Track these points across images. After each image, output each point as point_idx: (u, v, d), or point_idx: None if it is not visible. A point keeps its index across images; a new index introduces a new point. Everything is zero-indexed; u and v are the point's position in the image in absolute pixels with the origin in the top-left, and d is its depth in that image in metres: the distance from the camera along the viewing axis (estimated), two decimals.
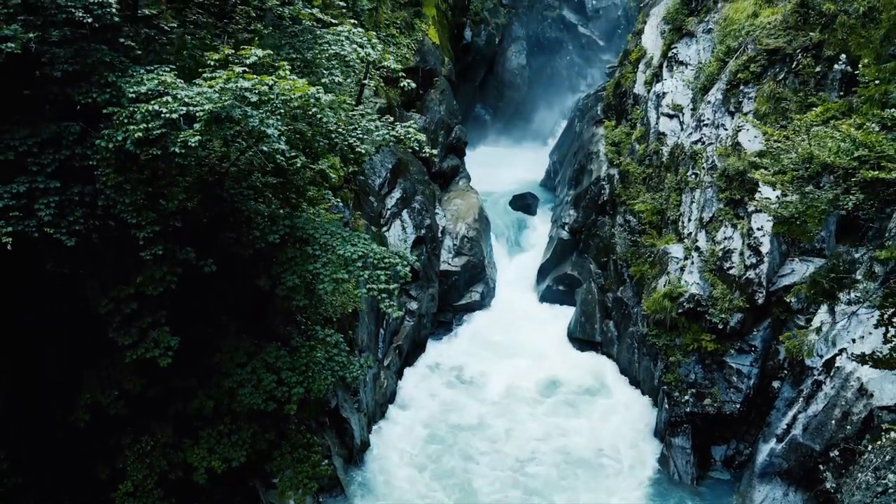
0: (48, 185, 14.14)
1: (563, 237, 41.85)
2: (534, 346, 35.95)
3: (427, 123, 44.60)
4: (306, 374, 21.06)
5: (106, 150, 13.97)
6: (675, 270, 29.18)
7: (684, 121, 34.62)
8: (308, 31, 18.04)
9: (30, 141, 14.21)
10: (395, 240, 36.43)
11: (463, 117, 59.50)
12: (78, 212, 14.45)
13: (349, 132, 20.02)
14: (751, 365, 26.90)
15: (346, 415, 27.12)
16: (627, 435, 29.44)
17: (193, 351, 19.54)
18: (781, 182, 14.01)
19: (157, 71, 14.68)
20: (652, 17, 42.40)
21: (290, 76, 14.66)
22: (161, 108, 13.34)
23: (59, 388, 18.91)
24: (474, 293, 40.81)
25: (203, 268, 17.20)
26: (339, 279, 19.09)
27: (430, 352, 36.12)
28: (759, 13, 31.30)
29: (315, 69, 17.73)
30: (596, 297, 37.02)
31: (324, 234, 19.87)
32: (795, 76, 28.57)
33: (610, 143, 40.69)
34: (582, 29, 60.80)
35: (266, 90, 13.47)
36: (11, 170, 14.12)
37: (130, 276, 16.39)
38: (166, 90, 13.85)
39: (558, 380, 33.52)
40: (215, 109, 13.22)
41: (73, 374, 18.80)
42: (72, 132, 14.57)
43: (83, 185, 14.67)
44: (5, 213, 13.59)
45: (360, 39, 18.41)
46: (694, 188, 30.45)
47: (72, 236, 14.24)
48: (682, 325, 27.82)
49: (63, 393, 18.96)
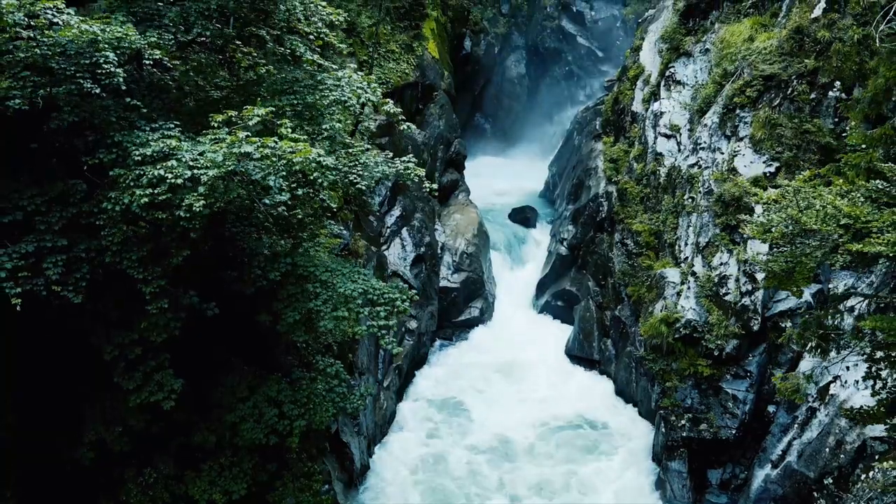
0: (56, 244, 14.47)
1: (562, 253, 42.15)
2: (532, 366, 36.16)
3: (426, 138, 44.83)
4: (307, 406, 21.43)
5: (112, 212, 14.28)
6: (671, 295, 29.50)
7: (681, 141, 34.92)
8: (309, 76, 18.33)
9: (38, 200, 14.53)
10: (394, 258, 36.74)
11: (462, 127, 59.85)
12: (85, 268, 14.77)
13: (349, 169, 20.39)
14: (746, 390, 27.20)
15: (346, 439, 27.42)
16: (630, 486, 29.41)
17: (195, 386, 19.87)
18: (770, 238, 14.34)
19: (162, 130, 14.99)
20: (650, 33, 42.66)
21: (291, 133, 14.97)
22: (166, 173, 13.66)
23: (64, 425, 19.23)
24: (473, 309, 41.13)
25: (206, 311, 17.52)
26: (339, 317, 19.38)
27: (429, 371, 36.39)
28: (755, 37, 31.57)
29: (315, 114, 18.02)
30: (594, 316, 37.33)
31: (324, 271, 20.18)
32: (791, 102, 28.83)
33: (608, 160, 41.02)
34: (581, 39, 61.10)
35: (268, 153, 13.77)
36: (20, 229, 14.44)
37: (134, 320, 16.71)
38: (171, 151, 14.16)
39: (556, 416, 32.84)
40: (220, 174, 13.54)
41: (78, 411, 19.13)
42: (78, 190, 14.90)
43: (89, 240, 14.98)
44: (14, 275, 13.91)
45: (359, 84, 18.70)
46: (690, 212, 30.75)
47: (78, 293, 14.57)
48: (678, 349, 28.14)
49: (68, 430, 19.27)
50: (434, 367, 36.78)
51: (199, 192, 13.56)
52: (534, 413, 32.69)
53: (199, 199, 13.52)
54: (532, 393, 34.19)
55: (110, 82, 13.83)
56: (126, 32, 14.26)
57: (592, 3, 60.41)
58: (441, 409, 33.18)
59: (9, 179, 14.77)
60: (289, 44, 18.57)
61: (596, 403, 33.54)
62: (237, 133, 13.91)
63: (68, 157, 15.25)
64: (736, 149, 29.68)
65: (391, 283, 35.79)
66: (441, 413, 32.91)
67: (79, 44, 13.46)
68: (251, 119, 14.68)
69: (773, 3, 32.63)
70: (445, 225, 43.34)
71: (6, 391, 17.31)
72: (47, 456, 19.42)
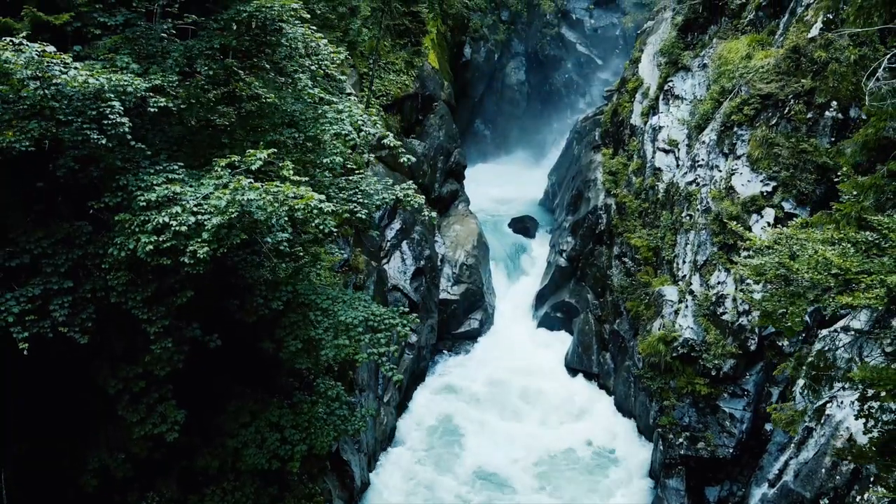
0: (62, 286, 14.71)
1: (562, 264, 42.36)
2: (532, 381, 36.31)
3: (426, 149, 45.06)
4: (309, 430, 21.68)
5: (118, 257, 14.50)
6: (669, 314, 29.72)
7: (680, 157, 35.12)
8: (311, 108, 18.53)
9: (44, 242, 14.76)
10: (394, 272, 36.96)
11: (462, 133, 60.06)
12: (90, 308, 15.01)
13: (349, 197, 20.62)
14: (743, 409, 27.43)
15: (346, 457, 27.66)
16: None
17: (198, 412, 20.11)
18: (763, 280, 14.54)
19: (166, 173, 15.19)
20: (648, 45, 42.84)
21: (292, 175, 15.18)
22: (171, 220, 13.88)
23: (68, 453, 19.44)
24: (473, 321, 41.36)
25: (209, 343, 17.76)
26: (340, 345, 19.62)
27: (429, 384, 36.63)
28: (753, 55, 31.72)
29: (316, 148, 18.25)
30: (593, 329, 37.56)
31: (325, 298, 20.42)
32: (788, 121, 29.00)
33: (607, 172, 41.24)
34: (580, 48, 61.27)
35: (271, 200, 13.98)
36: (27, 271, 14.66)
37: (138, 353, 16.94)
38: (176, 196, 14.37)
39: (556, 437, 32.80)
40: (223, 221, 13.75)
41: (82, 439, 19.35)
42: (84, 232, 15.12)
43: (94, 280, 15.20)
44: (21, 318, 14.14)
45: (360, 116, 18.91)
46: (688, 230, 30.96)
47: (84, 334, 14.81)
48: (676, 368, 28.37)
49: (72, 457, 19.49)
50: (434, 380, 37.02)
51: (203, 239, 13.78)
52: (532, 432, 32.92)
53: (203, 246, 13.74)
54: (531, 411, 34.39)
55: (116, 132, 14.05)
56: (132, 81, 14.47)
57: (592, 12, 60.58)
58: (439, 431, 33.22)
59: (15, 219, 14.97)
60: (290, 72, 18.72)
61: (595, 420, 33.78)
62: (240, 180, 14.12)
63: (73, 196, 15.47)
64: (733, 167, 29.86)
65: (391, 296, 36.39)
66: (440, 436, 32.92)
67: (85, 94, 13.67)
68: (253, 164, 14.90)
69: (770, 21, 32.81)
70: (445, 236, 43.55)
71: (9, 420, 17.49)
72: (51, 483, 19.64)
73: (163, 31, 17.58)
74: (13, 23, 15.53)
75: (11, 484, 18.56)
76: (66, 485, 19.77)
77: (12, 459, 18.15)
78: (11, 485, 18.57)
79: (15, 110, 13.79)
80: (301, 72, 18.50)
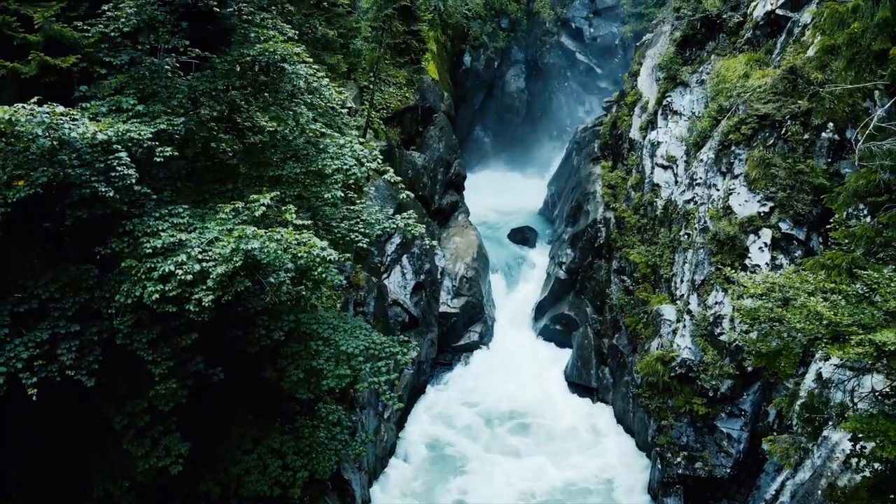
0: (69, 329, 14.97)
1: (561, 277, 42.62)
2: (530, 398, 36.45)
3: (426, 161, 45.34)
4: (310, 455, 21.92)
5: (124, 303, 14.76)
6: (667, 333, 29.98)
7: (678, 173, 35.38)
8: (312, 145, 18.79)
9: (52, 287, 15.02)
10: (394, 286, 37.20)
11: (462, 140, 60.38)
12: (97, 350, 15.26)
13: (351, 227, 20.89)
14: (741, 429, 27.70)
15: (347, 476, 27.88)
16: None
17: (201, 441, 20.36)
18: (756, 321, 14.80)
19: (171, 218, 15.44)
20: (647, 58, 43.08)
21: (295, 218, 15.44)
22: (177, 269, 14.13)
23: (72, 481, 19.69)
24: (473, 333, 41.60)
25: (212, 377, 18.02)
26: (341, 375, 19.84)
27: (429, 397, 36.87)
28: (750, 74, 32.00)
29: (319, 182, 18.51)
30: (592, 343, 37.82)
31: (326, 328, 20.62)
32: (784, 142, 29.26)
33: (606, 186, 41.50)
34: (580, 56, 61.52)
35: (274, 248, 14.23)
36: (35, 315, 14.92)
37: (143, 388, 17.18)
38: (182, 243, 14.62)
39: (555, 482, 31.98)
40: (228, 270, 14.01)
41: (85, 468, 19.60)
42: (91, 275, 15.39)
43: (101, 322, 15.46)
44: (30, 364, 14.40)
45: (361, 151, 19.17)
46: (686, 248, 31.20)
47: (91, 376, 15.07)
48: (674, 387, 28.63)
49: (76, 485, 19.74)
50: (434, 395, 37.21)
51: (207, 287, 14.03)
52: (531, 462, 32.75)
53: (208, 294, 14.00)
54: (530, 438, 34.31)
55: (123, 184, 14.31)
56: (139, 130, 14.73)
57: (591, 21, 60.80)
58: (438, 450, 33.41)
59: (23, 263, 15.23)
60: (292, 108, 18.97)
61: (595, 443, 33.69)
62: (244, 229, 14.36)
63: (80, 238, 15.71)
64: (731, 186, 30.11)
65: (392, 310, 36.65)
66: (438, 454, 33.12)
67: (93, 146, 13.91)
68: (257, 210, 15.15)
69: (767, 41, 33.05)
70: (445, 248, 43.78)
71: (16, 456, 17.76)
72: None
73: (167, 67, 17.82)
74: (21, 67, 15.80)
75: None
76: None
77: (19, 489, 18.40)
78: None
79: (24, 160, 14.02)
80: (303, 107, 18.74)
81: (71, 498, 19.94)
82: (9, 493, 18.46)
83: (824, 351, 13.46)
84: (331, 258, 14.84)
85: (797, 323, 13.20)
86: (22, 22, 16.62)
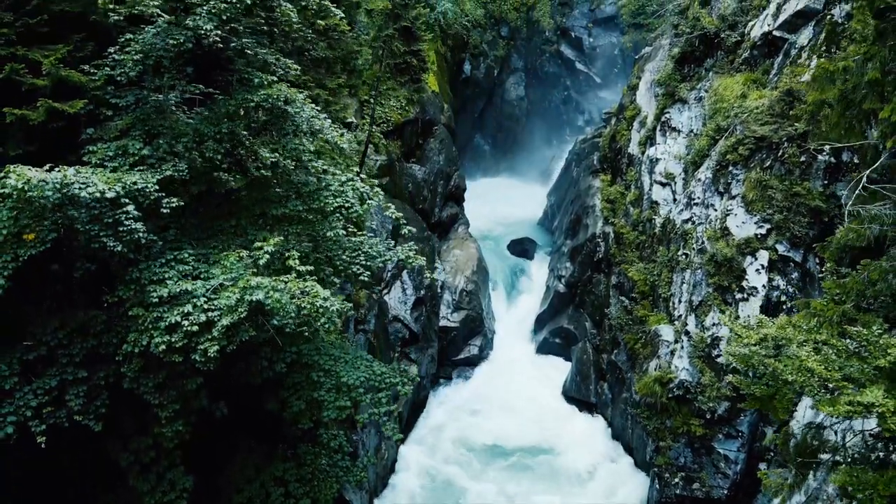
0: (77, 375, 15.29)
1: (560, 290, 42.93)
2: (531, 413, 36.72)
3: (426, 174, 45.60)
4: (312, 483, 22.28)
5: (132, 352, 15.08)
6: (665, 354, 30.27)
7: (676, 190, 35.66)
8: (315, 179, 19.10)
9: (60, 333, 15.34)
10: (395, 302, 37.45)
11: (462, 147, 60.67)
12: (104, 395, 15.58)
13: (352, 259, 21.20)
14: (738, 450, 28.00)
15: (349, 497, 28.15)
16: None
17: (205, 471, 20.69)
18: (751, 367, 15.11)
19: (176, 266, 15.74)
20: (646, 72, 43.32)
21: (298, 265, 15.75)
22: (183, 319, 14.44)
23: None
24: (473, 346, 41.87)
25: (216, 412, 18.34)
26: (341, 406, 20.16)
27: (429, 417, 37.14)
28: (748, 94, 32.22)
29: (321, 219, 18.84)
30: (591, 358, 38.11)
31: (328, 359, 20.95)
32: (781, 164, 29.50)
33: (606, 200, 41.80)
34: (579, 65, 61.78)
35: (278, 297, 14.53)
36: (43, 363, 15.23)
37: (148, 425, 17.50)
38: (188, 293, 14.93)
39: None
40: (233, 321, 14.33)
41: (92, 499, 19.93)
42: (99, 321, 15.70)
43: (108, 366, 15.77)
44: (39, 412, 14.71)
45: (362, 188, 19.48)
46: (684, 268, 31.48)
47: (98, 421, 15.38)
48: (672, 408, 28.93)
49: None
50: (434, 411, 37.49)
51: (212, 336, 14.35)
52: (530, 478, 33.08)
53: (213, 345, 14.32)
54: (529, 455, 34.55)
55: (131, 238, 14.62)
56: (146, 183, 15.04)
57: (591, 30, 61.02)
58: (437, 469, 33.61)
59: (31, 309, 15.54)
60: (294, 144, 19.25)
61: (593, 461, 33.93)
62: (249, 279, 14.67)
63: (87, 285, 16.01)
64: (728, 207, 30.37)
65: (392, 327, 36.94)
66: (437, 472, 33.37)
67: (102, 202, 14.20)
68: (262, 259, 15.46)
69: (765, 60, 33.26)
70: (445, 261, 44.03)
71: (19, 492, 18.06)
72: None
73: (172, 106, 18.12)
74: (29, 114, 16.09)
75: None
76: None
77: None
78: None
79: (34, 213, 14.30)
80: (305, 143, 19.04)
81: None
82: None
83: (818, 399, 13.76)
84: (334, 308, 15.14)
85: (788, 375, 13.51)
86: (30, 67, 16.91)
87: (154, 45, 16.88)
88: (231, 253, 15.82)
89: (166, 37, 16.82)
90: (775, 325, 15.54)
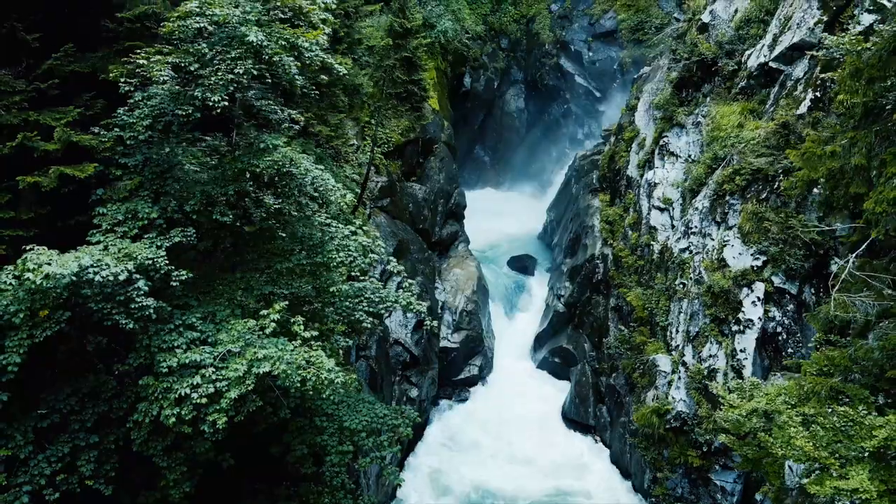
0: (88, 441, 15.72)
1: (559, 309, 43.35)
2: (530, 439, 37.03)
3: (427, 193, 46.00)
4: None
5: (141, 421, 15.51)
6: (662, 385, 30.72)
7: (674, 216, 36.07)
8: (319, 231, 19.53)
9: (72, 399, 15.77)
10: (395, 326, 37.85)
11: (463, 159, 60.99)
12: (114, 458, 16.01)
13: (355, 306, 21.67)
14: (734, 482, 28.44)
15: None
16: None
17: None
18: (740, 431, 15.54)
19: (186, 329, 16.15)
20: (645, 93, 43.66)
21: (303, 331, 16.19)
22: (192, 392, 14.88)
23: None
24: (473, 367, 42.26)
25: (222, 463, 18.77)
26: (344, 451, 20.60)
27: (428, 439, 37.52)
28: (745, 125, 32.62)
29: (325, 273, 19.28)
30: (590, 381, 38.54)
31: (330, 404, 21.37)
32: (777, 196, 29.90)
33: (605, 221, 42.21)
34: (579, 79, 62.07)
35: (284, 368, 14.97)
36: (55, 428, 15.67)
37: (155, 479, 17.90)
38: (196, 364, 15.36)
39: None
40: (241, 392, 14.77)
41: None
42: (110, 387, 16.13)
43: (118, 429, 16.21)
44: (52, 479, 15.16)
45: (365, 241, 19.92)
46: (682, 298, 31.90)
47: (109, 484, 15.82)
48: (669, 439, 29.39)
49: None
50: (434, 432, 37.88)
51: (221, 407, 14.78)
52: None
53: (221, 416, 14.76)
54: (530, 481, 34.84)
55: (141, 314, 15.06)
56: (156, 257, 15.48)
57: (590, 45, 61.25)
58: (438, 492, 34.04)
59: (43, 375, 15.97)
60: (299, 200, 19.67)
61: (591, 488, 34.29)
62: (256, 352, 15.12)
63: (99, 352, 16.45)
64: (725, 238, 30.79)
65: (393, 350, 37.35)
66: None
67: (115, 281, 14.62)
68: (268, 327, 15.89)
69: (761, 90, 33.64)
70: (445, 281, 44.39)
71: None
72: None
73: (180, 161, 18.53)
74: (41, 180, 16.50)
75: None
76: None
77: None
78: None
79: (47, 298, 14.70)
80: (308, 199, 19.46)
81: None
82: None
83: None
84: (339, 381, 15.58)
85: (777, 450, 13.95)
86: (41, 131, 17.31)
87: (163, 109, 17.30)
88: (238, 322, 16.23)
89: (175, 106, 17.25)
90: (765, 396, 15.95)
